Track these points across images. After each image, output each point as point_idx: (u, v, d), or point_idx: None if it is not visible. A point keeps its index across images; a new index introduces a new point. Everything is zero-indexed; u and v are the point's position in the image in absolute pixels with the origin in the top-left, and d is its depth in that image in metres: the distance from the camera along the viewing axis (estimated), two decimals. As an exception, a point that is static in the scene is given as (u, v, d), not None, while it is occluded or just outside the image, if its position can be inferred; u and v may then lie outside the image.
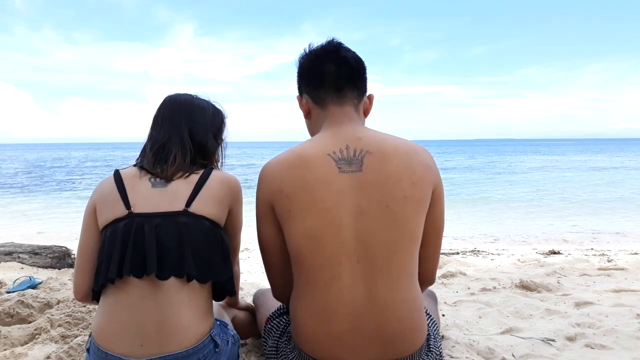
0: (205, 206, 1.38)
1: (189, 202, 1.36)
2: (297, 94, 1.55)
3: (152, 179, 1.41)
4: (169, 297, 1.30)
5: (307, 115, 1.52)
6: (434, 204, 1.36)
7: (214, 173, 1.46)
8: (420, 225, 1.33)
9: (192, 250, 1.32)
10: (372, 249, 1.27)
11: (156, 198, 1.37)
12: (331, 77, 1.42)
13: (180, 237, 1.32)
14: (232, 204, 1.47)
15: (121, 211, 1.35)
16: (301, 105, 1.53)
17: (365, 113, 1.51)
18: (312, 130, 1.54)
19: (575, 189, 14.70)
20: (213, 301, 1.48)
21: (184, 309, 1.31)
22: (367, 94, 1.50)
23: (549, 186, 15.94)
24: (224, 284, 1.43)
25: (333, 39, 1.47)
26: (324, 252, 1.28)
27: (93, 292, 1.39)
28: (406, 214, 1.28)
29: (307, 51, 1.48)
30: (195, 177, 1.42)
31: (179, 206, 1.36)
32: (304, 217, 1.28)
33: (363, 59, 1.48)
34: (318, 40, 1.60)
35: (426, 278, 1.50)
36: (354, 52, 1.47)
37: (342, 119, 1.41)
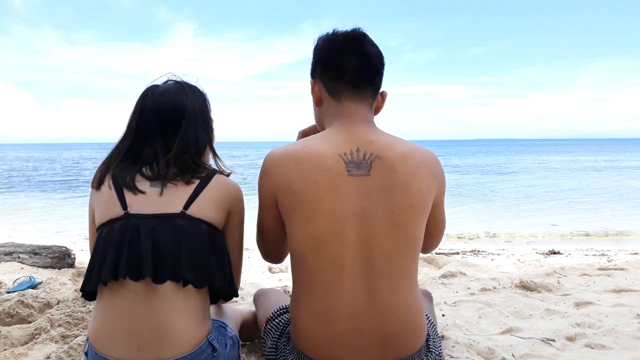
0: (203, 209, 1.35)
1: (187, 205, 1.34)
2: (310, 77, 1.47)
3: (151, 179, 1.38)
4: (165, 301, 1.27)
5: (319, 103, 1.46)
6: (435, 206, 1.38)
7: (216, 177, 1.43)
8: (422, 231, 1.35)
9: (188, 254, 1.30)
10: (374, 253, 1.27)
11: (154, 199, 1.34)
12: (351, 73, 1.37)
13: (176, 240, 1.29)
14: (231, 207, 1.43)
15: (117, 211, 1.32)
16: (313, 91, 1.46)
17: (377, 111, 1.47)
18: (320, 119, 1.49)
19: (576, 189, 14.68)
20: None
21: (180, 313, 1.29)
22: (381, 90, 1.45)
23: (549, 186, 15.93)
24: (219, 289, 1.38)
25: (359, 29, 1.40)
26: (327, 255, 1.27)
27: (85, 293, 1.35)
28: (410, 221, 1.29)
29: (330, 36, 1.41)
30: (195, 180, 1.39)
31: (177, 208, 1.33)
32: (309, 219, 1.27)
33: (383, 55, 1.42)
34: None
35: (427, 250, 1.59)
36: (377, 47, 1.41)
37: (357, 117, 1.38)
